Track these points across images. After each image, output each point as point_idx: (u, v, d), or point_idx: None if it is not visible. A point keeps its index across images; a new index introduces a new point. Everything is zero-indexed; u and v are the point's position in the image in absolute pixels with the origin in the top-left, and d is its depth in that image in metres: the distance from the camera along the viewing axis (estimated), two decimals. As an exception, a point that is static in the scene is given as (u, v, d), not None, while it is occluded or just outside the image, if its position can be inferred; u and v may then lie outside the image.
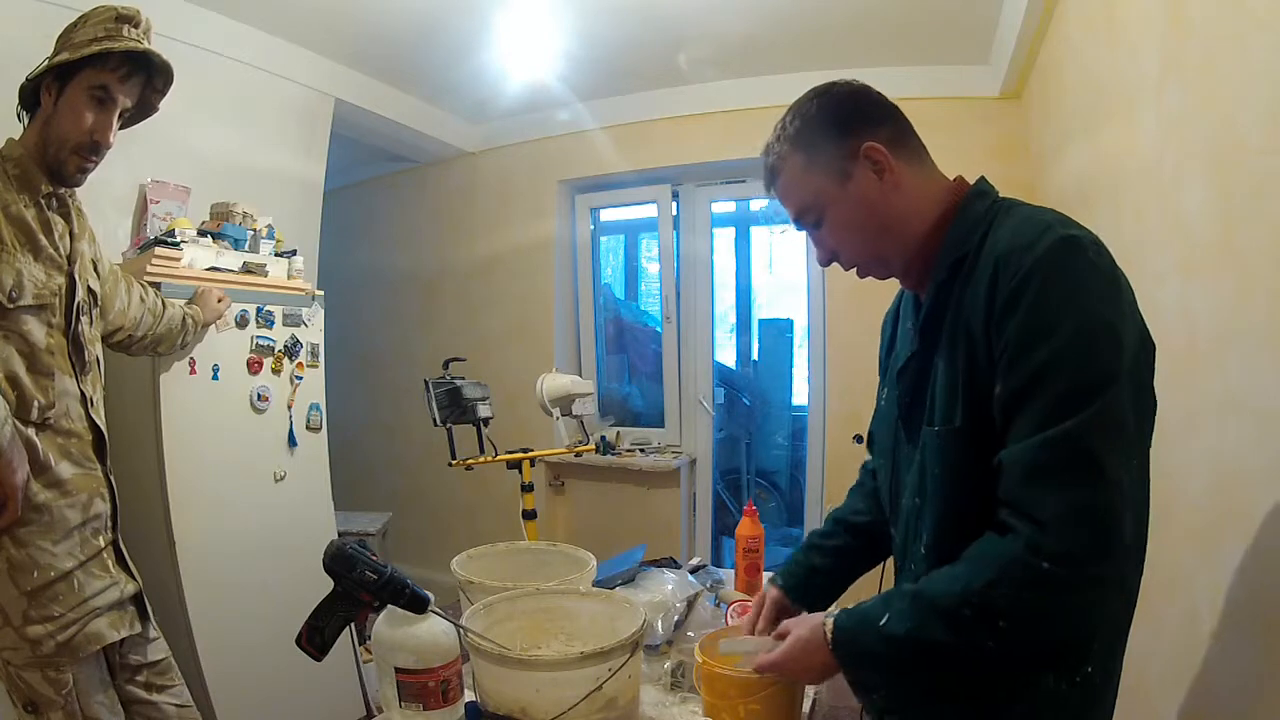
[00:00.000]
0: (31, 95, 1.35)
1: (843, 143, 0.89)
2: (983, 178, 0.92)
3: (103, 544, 1.40)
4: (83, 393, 1.39)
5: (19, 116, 1.37)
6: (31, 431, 1.30)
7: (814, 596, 1.13)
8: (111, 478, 1.45)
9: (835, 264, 0.96)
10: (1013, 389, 0.76)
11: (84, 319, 1.42)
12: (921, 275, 0.92)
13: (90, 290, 1.46)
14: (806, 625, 0.89)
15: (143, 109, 1.45)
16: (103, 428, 1.43)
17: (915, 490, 0.92)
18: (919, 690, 0.85)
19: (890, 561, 1.06)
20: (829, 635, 0.85)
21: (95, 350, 1.47)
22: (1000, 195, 0.90)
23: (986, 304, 0.78)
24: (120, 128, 1.43)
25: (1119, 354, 0.74)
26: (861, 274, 0.96)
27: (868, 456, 1.16)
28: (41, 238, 1.34)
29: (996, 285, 0.77)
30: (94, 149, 1.35)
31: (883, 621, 0.80)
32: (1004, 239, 0.80)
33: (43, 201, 1.35)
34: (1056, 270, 0.75)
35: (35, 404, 1.30)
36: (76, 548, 1.35)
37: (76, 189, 1.43)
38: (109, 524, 1.43)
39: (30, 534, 1.29)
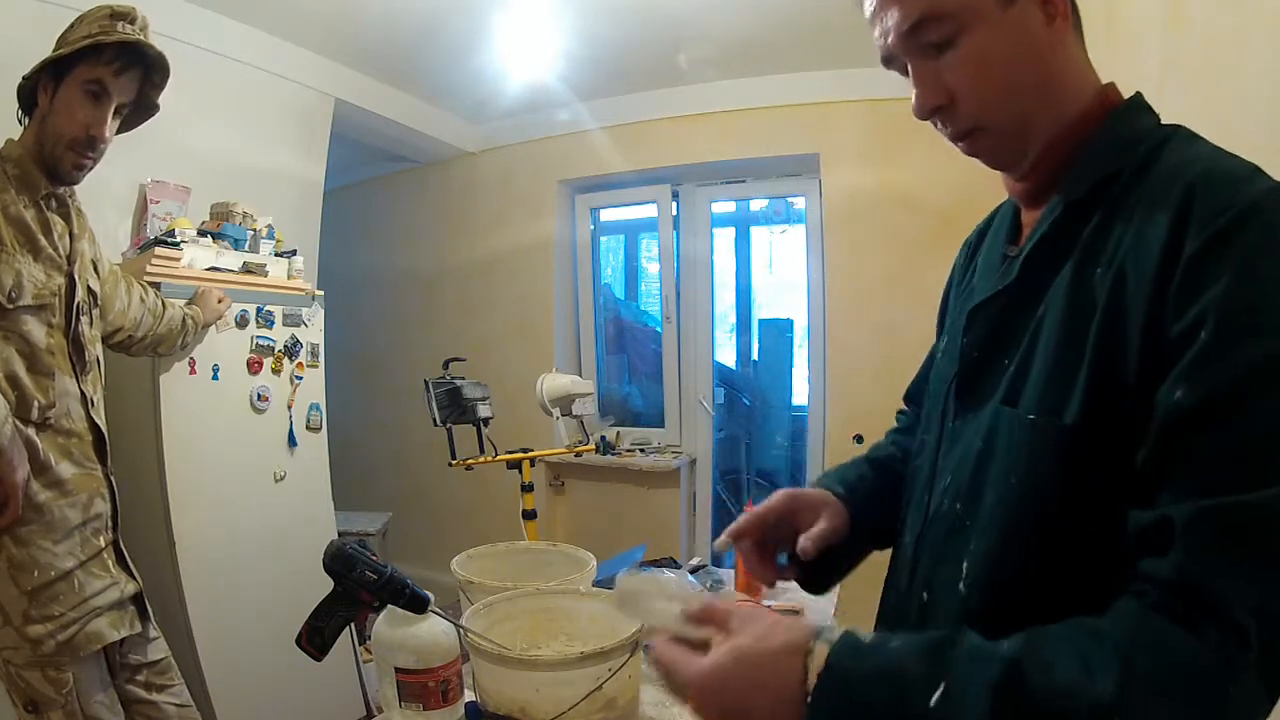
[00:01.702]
0: (29, 96, 1.35)
1: None
2: (1139, 93, 0.66)
3: (103, 544, 1.40)
4: (83, 393, 1.39)
5: (18, 119, 1.38)
6: (32, 431, 1.30)
7: (872, 525, 0.79)
8: (112, 478, 1.45)
9: (932, 123, 0.67)
10: (1202, 397, 0.48)
11: (84, 319, 1.42)
12: (1041, 183, 0.67)
13: (90, 290, 1.46)
14: (774, 636, 0.53)
15: (144, 107, 1.45)
16: (103, 428, 1.44)
17: (961, 491, 0.65)
18: None
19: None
20: (813, 679, 0.49)
21: (95, 350, 1.47)
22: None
23: (1167, 242, 0.53)
24: (124, 128, 1.43)
25: None
26: (970, 145, 0.66)
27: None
28: (41, 238, 1.34)
29: (1188, 219, 0.52)
30: (90, 144, 1.34)
31: (933, 699, 0.47)
32: (1201, 161, 0.56)
33: (42, 202, 1.35)
34: None
35: (35, 404, 1.30)
36: (77, 547, 1.35)
37: (76, 189, 1.43)
38: (109, 524, 1.43)
39: (31, 533, 1.29)
